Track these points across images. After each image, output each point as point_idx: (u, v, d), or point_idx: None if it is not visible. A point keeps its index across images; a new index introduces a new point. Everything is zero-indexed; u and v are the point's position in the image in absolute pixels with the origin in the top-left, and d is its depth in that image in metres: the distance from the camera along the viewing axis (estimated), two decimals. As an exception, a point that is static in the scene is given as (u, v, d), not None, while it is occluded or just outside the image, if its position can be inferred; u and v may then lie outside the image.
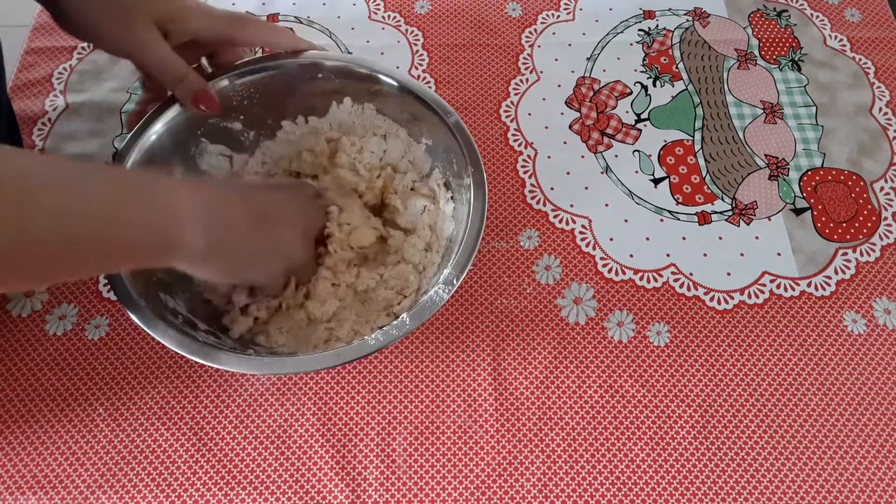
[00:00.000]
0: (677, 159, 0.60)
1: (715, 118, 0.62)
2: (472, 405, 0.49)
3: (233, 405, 0.49)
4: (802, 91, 0.63)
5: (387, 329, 0.42)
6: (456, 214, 0.50)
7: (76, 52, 0.65)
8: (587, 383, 0.50)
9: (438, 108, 0.49)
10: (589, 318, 0.53)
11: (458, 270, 0.44)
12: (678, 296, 0.53)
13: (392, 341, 0.42)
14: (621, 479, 0.47)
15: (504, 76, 0.64)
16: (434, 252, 0.50)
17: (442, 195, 0.52)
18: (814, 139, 0.61)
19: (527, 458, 0.48)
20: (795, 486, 0.47)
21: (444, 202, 0.51)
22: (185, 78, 0.46)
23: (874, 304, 0.53)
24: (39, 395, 0.49)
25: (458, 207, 0.50)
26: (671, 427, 0.49)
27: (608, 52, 0.66)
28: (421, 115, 0.51)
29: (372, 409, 0.49)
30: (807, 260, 0.55)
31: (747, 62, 0.65)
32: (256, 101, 0.53)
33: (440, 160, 0.52)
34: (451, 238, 0.49)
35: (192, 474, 0.47)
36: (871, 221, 0.57)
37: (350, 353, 0.42)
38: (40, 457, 0.47)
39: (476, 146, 0.48)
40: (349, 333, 0.48)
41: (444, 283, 0.43)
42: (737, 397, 0.50)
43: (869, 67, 0.65)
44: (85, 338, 0.51)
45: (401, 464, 0.47)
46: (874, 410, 0.49)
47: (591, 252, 0.55)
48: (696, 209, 0.57)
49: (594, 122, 0.62)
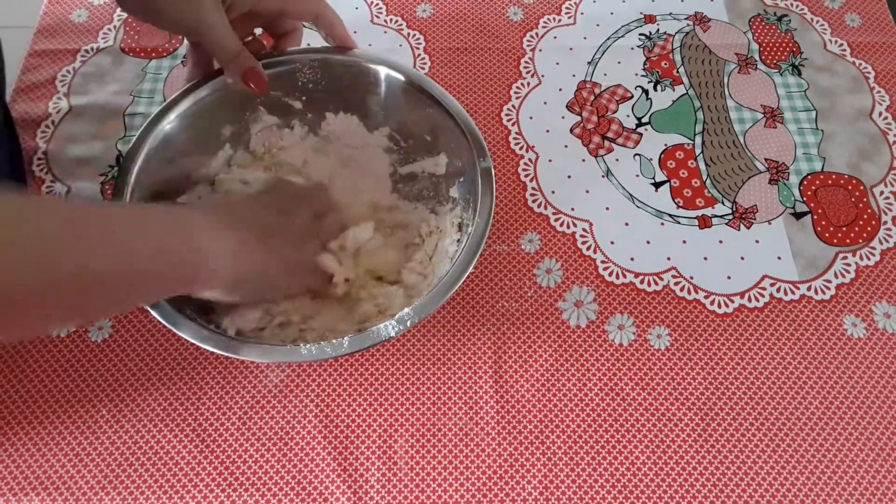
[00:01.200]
0: (678, 163, 0.60)
1: (715, 122, 0.62)
2: (474, 407, 0.49)
3: (235, 407, 0.49)
4: (803, 95, 0.64)
5: (401, 316, 0.43)
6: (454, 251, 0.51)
7: (79, 55, 0.65)
8: (588, 386, 0.50)
9: (474, 143, 0.50)
10: (590, 321, 0.53)
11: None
12: (678, 299, 0.54)
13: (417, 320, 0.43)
14: (622, 482, 0.47)
15: (505, 80, 0.64)
16: (427, 284, 0.50)
17: (451, 234, 0.52)
18: (814, 143, 0.61)
19: (528, 461, 0.48)
20: (795, 489, 0.47)
21: (448, 241, 0.51)
22: (238, 56, 0.47)
23: (874, 307, 0.54)
24: (43, 396, 0.49)
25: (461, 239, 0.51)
26: (672, 430, 0.49)
27: (609, 56, 0.66)
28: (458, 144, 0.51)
29: (374, 410, 0.49)
30: (807, 264, 0.55)
31: (748, 66, 0.65)
32: (322, 87, 0.54)
33: (463, 198, 0.52)
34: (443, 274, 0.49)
35: (195, 475, 0.47)
36: (871, 226, 0.57)
37: (370, 339, 0.43)
38: (43, 458, 0.47)
39: (494, 185, 0.48)
40: (322, 335, 0.48)
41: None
42: (737, 400, 0.50)
43: (869, 72, 0.65)
44: (88, 340, 0.51)
45: (402, 465, 0.48)
46: (874, 414, 0.50)
47: (591, 255, 0.56)
48: (697, 213, 0.58)
49: (595, 126, 0.62)
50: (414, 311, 0.43)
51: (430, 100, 0.52)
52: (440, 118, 0.51)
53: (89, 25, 0.67)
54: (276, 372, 0.50)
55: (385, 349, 0.51)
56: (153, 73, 0.64)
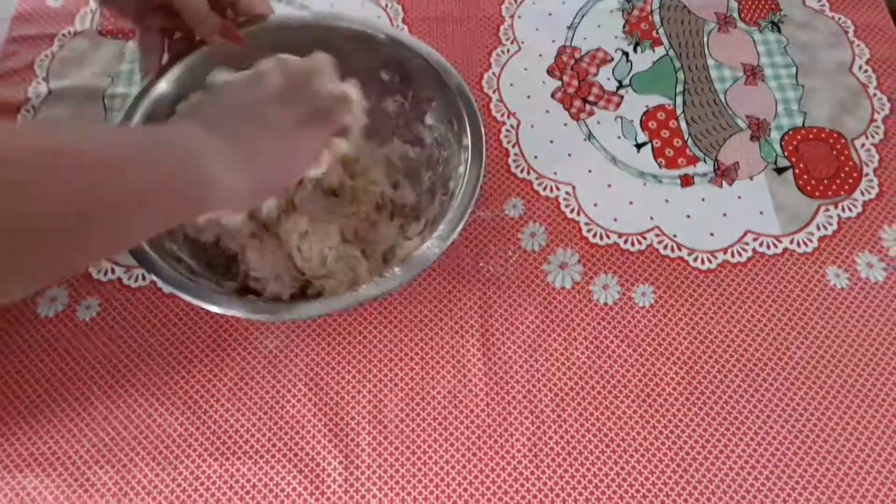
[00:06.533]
0: (659, 124, 0.60)
1: (696, 82, 0.62)
2: (462, 371, 0.50)
3: (225, 378, 0.50)
4: (783, 52, 0.64)
5: (379, 282, 0.43)
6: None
7: (57, 40, 0.65)
8: (574, 345, 0.51)
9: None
10: (575, 282, 0.53)
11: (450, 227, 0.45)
12: (662, 257, 0.54)
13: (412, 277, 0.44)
14: (609, 437, 0.48)
15: (485, 48, 0.64)
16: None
17: (416, 234, 0.52)
18: (794, 99, 0.61)
19: (516, 420, 0.48)
20: (780, 437, 0.48)
21: (415, 240, 0.51)
22: (208, 17, 0.48)
23: (856, 258, 0.54)
24: (34, 376, 0.50)
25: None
26: (657, 385, 0.49)
27: (588, 20, 0.66)
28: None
29: (363, 377, 0.50)
30: (789, 218, 0.56)
31: (727, 25, 0.65)
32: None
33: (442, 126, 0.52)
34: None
35: (188, 447, 0.48)
36: (853, 178, 0.57)
37: (369, 292, 0.43)
38: (37, 435, 0.48)
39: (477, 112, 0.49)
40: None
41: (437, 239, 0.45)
42: (721, 353, 0.50)
43: (848, 26, 0.65)
44: (76, 318, 0.52)
45: (392, 429, 0.48)
46: (857, 362, 0.50)
47: (575, 218, 0.56)
48: (679, 172, 0.58)
49: (576, 90, 0.62)
50: (447, 226, 0.45)
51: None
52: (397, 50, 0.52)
53: (66, 9, 0.67)
54: (271, 339, 0.51)
55: (373, 315, 0.52)
56: (132, 54, 0.64)
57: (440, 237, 0.45)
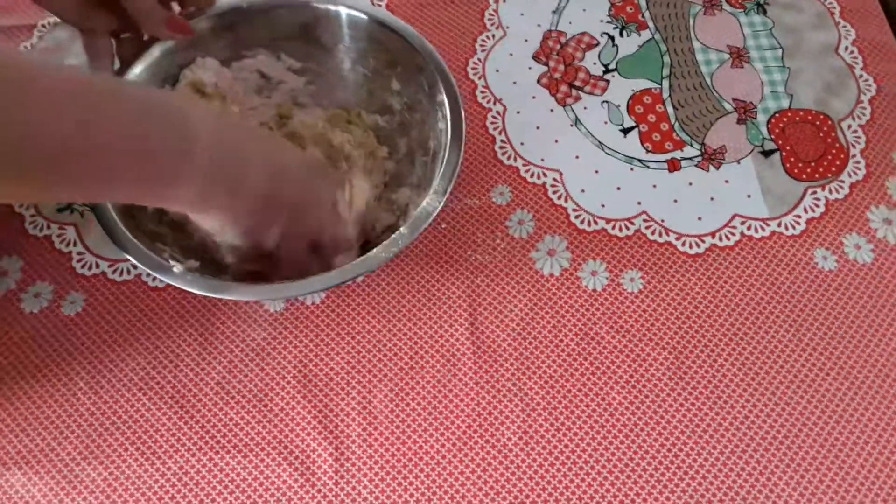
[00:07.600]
0: (646, 108, 0.60)
1: (682, 65, 0.62)
2: (451, 359, 0.50)
3: (213, 372, 0.49)
4: (769, 34, 0.63)
5: (387, 244, 0.43)
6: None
7: (36, 31, 0.64)
8: (563, 332, 0.51)
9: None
10: (563, 269, 0.53)
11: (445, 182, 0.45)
12: (650, 242, 0.54)
13: (392, 255, 0.43)
14: (599, 423, 0.48)
15: (470, 33, 0.64)
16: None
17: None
18: (780, 81, 0.61)
19: (506, 408, 0.48)
20: (769, 420, 0.48)
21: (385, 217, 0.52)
22: (154, 10, 0.47)
23: (844, 240, 0.54)
24: (19, 371, 0.49)
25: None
26: (646, 370, 0.49)
27: (574, 4, 0.65)
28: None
29: (352, 367, 0.50)
30: (776, 200, 0.55)
31: (713, 8, 0.65)
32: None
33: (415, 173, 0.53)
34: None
35: (176, 441, 0.47)
36: (840, 160, 0.57)
37: (360, 267, 0.43)
38: (24, 432, 0.47)
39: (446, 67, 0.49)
40: None
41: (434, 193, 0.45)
42: (710, 338, 0.50)
43: (834, 7, 0.65)
44: (61, 314, 0.51)
45: (382, 419, 0.48)
46: (846, 344, 0.50)
47: (563, 204, 0.56)
48: (666, 156, 0.57)
49: (562, 76, 0.61)
50: (442, 180, 0.45)
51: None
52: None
53: (44, 0, 0.66)
54: (258, 330, 0.50)
55: (361, 304, 0.51)
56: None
57: (437, 192, 0.45)
